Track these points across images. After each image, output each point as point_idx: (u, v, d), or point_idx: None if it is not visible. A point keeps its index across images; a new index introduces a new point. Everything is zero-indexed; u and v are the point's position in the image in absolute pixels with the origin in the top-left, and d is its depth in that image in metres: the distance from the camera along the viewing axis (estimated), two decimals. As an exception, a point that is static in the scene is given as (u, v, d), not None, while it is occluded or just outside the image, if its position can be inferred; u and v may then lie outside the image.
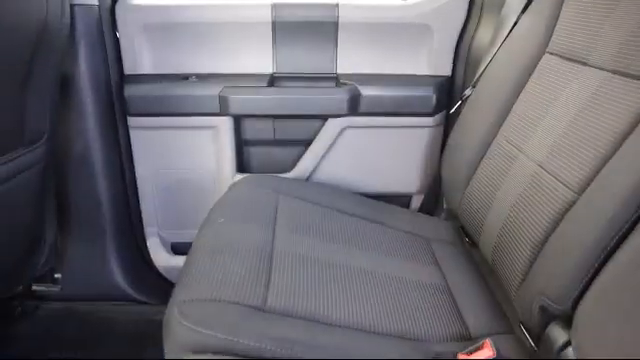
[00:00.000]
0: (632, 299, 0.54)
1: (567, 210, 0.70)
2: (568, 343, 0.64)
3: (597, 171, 0.68)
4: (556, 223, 0.71)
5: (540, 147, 0.83)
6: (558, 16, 0.93)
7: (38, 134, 1.07)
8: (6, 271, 1.14)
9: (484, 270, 1.00)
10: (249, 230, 0.92)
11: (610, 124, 0.69)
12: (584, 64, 0.81)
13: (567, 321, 0.65)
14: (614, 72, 0.74)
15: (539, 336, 0.71)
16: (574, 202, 0.69)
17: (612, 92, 0.72)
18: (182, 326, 0.66)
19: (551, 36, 0.93)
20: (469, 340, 0.77)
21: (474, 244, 1.04)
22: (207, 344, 0.64)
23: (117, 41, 1.24)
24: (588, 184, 0.68)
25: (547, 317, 0.69)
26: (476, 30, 1.23)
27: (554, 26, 0.93)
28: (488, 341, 0.72)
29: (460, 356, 0.72)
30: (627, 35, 0.74)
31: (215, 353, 0.62)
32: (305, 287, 0.78)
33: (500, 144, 0.95)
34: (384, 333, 0.75)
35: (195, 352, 0.62)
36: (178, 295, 0.73)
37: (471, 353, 0.72)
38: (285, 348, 0.65)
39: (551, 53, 0.92)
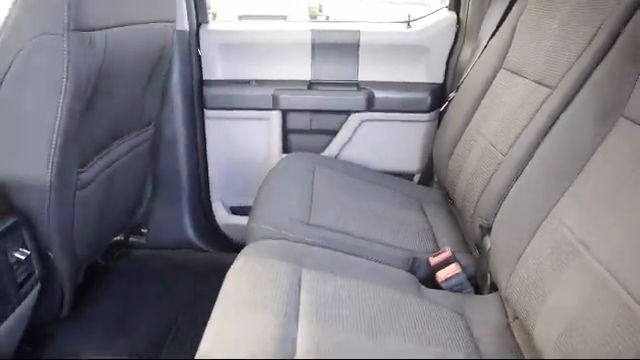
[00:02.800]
0: (520, 210, 0.97)
1: (498, 167, 1.12)
2: (493, 246, 1.05)
3: (515, 141, 1.09)
4: (491, 176, 1.13)
5: (491, 130, 1.25)
6: (512, 41, 1.35)
7: (149, 120, 1.54)
8: (123, 218, 1.61)
9: (458, 218, 1.42)
10: (295, 185, 1.37)
11: (525, 115, 1.11)
12: (521, 76, 1.23)
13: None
14: (534, 81, 1.15)
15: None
16: (502, 161, 1.11)
17: (531, 95, 1.13)
18: (259, 227, 1.11)
19: (506, 56, 1.35)
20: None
21: (454, 204, 1.46)
22: (273, 236, 1.09)
23: (199, 55, 1.72)
24: (509, 149, 1.10)
25: (483, 232, 1.11)
26: (461, 50, 1.66)
27: (509, 49, 1.35)
28: (447, 247, 1.14)
29: (430, 258, 1.14)
30: (544, 55, 1.15)
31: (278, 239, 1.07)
32: (333, 214, 1.22)
33: (469, 131, 1.38)
34: (384, 243, 1.18)
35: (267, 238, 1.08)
36: (255, 214, 1.19)
37: (436, 255, 1.14)
38: (322, 241, 1.09)
39: (504, 68, 1.34)
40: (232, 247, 1.82)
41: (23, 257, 0.98)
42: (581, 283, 0.76)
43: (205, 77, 1.73)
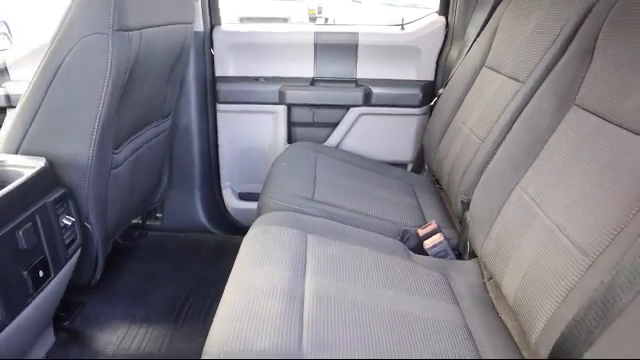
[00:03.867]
0: (493, 185, 1.14)
1: (477, 151, 1.30)
2: (472, 217, 1.23)
3: (491, 129, 1.27)
4: (472, 159, 1.31)
5: (473, 120, 1.42)
6: (493, 42, 1.52)
7: (169, 111, 1.71)
8: (144, 200, 1.77)
9: (445, 200, 1.59)
10: (300, 169, 1.55)
11: (500, 106, 1.28)
12: (499, 72, 1.41)
13: (473, 205, 1.24)
14: (508, 77, 1.33)
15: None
16: (480, 145, 1.29)
17: (506, 89, 1.31)
18: (270, 201, 1.28)
19: (487, 55, 1.53)
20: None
21: (442, 188, 1.63)
22: (282, 208, 1.26)
23: (212, 54, 1.89)
24: (487, 135, 1.27)
25: (464, 207, 1.28)
26: (449, 50, 1.83)
27: (490, 49, 1.52)
28: (433, 221, 1.31)
29: (418, 229, 1.32)
30: (518, 54, 1.32)
31: (287, 211, 1.24)
32: (334, 193, 1.40)
33: (455, 122, 1.55)
34: (377, 217, 1.35)
35: (274, 210, 1.25)
36: (266, 191, 1.36)
37: (424, 228, 1.31)
38: (324, 213, 1.26)
39: (486, 66, 1.51)
40: (239, 230, 1.99)
41: (69, 223, 1.15)
42: (536, 239, 0.93)
43: (217, 74, 1.91)
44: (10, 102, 1.76)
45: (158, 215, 2.06)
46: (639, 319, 0.63)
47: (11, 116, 1.72)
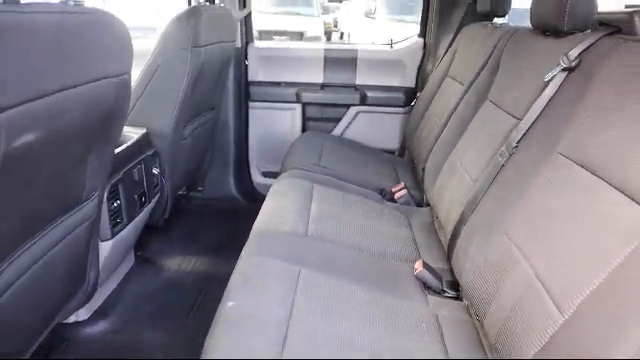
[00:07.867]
0: (439, 152, 1.70)
1: (432, 129, 1.85)
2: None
3: (443, 116, 1.83)
4: (430, 136, 1.87)
5: (437, 111, 1.98)
6: (454, 58, 2.09)
7: (214, 105, 2.31)
8: (193, 172, 2.36)
9: (417, 174, 2.15)
10: (310, 147, 2.12)
11: (450, 102, 1.84)
12: (455, 80, 1.97)
13: (428, 170, 1.80)
14: (459, 82, 1.89)
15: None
16: (436, 129, 1.85)
17: (456, 90, 1.87)
18: (289, 164, 1.86)
19: (450, 68, 2.09)
20: (398, 187, 1.93)
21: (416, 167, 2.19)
22: (297, 168, 1.83)
23: (246, 64, 2.49)
24: (449, 119, 1.82)
25: (423, 172, 1.83)
26: (426, 64, 2.41)
27: (451, 63, 2.09)
28: (403, 182, 1.87)
29: (392, 188, 1.88)
30: (465, 67, 1.88)
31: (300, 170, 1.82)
32: (336, 162, 1.97)
33: (426, 117, 2.11)
34: (364, 179, 1.91)
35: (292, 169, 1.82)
36: (286, 159, 1.94)
37: (396, 187, 1.87)
38: (327, 173, 1.84)
39: (448, 76, 2.08)
40: (263, 200, 2.56)
41: (156, 172, 1.74)
42: (454, 182, 1.48)
43: (250, 79, 2.50)
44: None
45: (199, 188, 2.65)
46: (485, 207, 1.18)
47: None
